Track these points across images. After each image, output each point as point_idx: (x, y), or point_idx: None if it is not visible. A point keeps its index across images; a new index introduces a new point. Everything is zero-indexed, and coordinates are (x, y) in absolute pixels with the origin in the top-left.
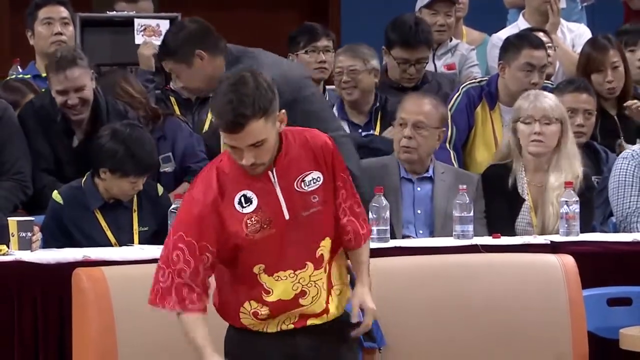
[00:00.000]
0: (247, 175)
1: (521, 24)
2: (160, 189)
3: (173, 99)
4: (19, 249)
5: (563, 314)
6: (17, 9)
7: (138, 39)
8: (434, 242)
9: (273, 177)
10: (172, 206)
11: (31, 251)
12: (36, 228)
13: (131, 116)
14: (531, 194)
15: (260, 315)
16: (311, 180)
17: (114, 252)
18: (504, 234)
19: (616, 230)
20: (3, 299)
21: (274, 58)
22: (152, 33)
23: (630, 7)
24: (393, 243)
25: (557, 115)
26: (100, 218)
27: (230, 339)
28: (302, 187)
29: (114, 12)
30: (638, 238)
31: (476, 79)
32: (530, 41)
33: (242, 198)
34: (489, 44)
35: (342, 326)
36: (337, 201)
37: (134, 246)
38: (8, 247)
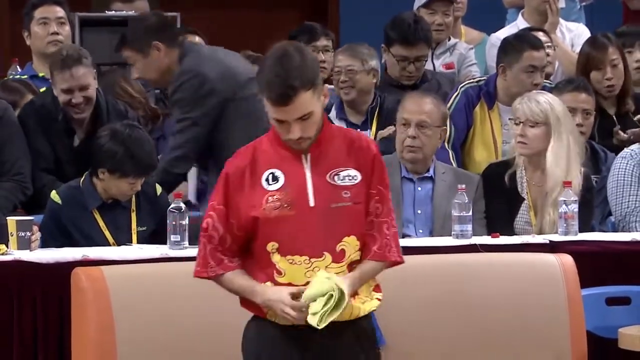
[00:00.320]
0: (282, 155)
1: (520, 24)
2: (159, 189)
3: None
4: (18, 249)
5: (562, 314)
6: (17, 9)
7: None
8: (433, 242)
9: (306, 162)
10: (171, 205)
11: (30, 251)
12: (35, 228)
13: (131, 116)
14: (530, 194)
15: None
16: (346, 176)
17: (113, 252)
18: (503, 233)
19: (615, 229)
20: (2, 299)
21: (221, 56)
22: None
23: (629, 7)
24: None
25: (542, 118)
26: (98, 218)
27: (247, 332)
28: (335, 180)
29: (113, 12)
30: (637, 237)
31: (474, 79)
32: (530, 42)
33: (270, 175)
34: (488, 43)
35: (360, 331)
36: (369, 210)
37: (133, 246)
38: (7, 247)
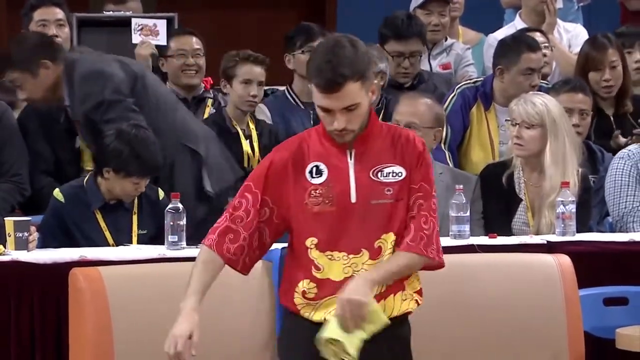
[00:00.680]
0: (327, 150)
1: (518, 24)
2: (161, 193)
3: None
4: (16, 249)
5: (559, 314)
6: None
7: (135, 39)
8: None
9: (350, 158)
10: (169, 206)
11: (28, 251)
12: (33, 228)
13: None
14: (528, 194)
15: (308, 294)
16: (390, 172)
17: (111, 252)
18: (501, 234)
19: (612, 230)
20: (0, 299)
21: (100, 59)
22: (149, 33)
23: (626, 8)
24: None
25: (538, 120)
26: (100, 218)
27: (282, 325)
28: (378, 177)
29: (111, 12)
30: (634, 238)
31: (471, 79)
32: (527, 44)
33: (314, 168)
34: (486, 44)
35: (395, 337)
36: (410, 205)
37: (131, 246)
38: (5, 247)
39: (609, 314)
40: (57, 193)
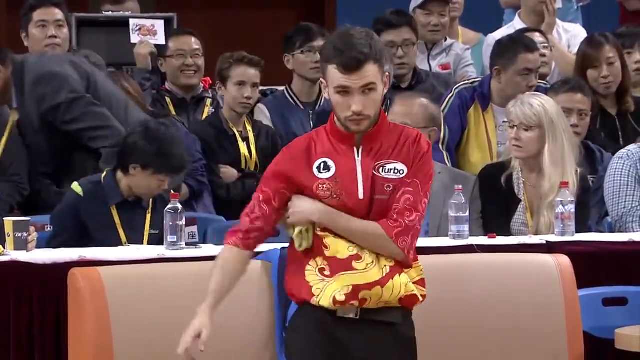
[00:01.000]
0: (335, 146)
1: (517, 24)
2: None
3: (168, 99)
4: (15, 249)
5: (559, 314)
6: (14, 8)
7: (134, 38)
8: (430, 242)
9: (357, 155)
10: (168, 206)
11: (27, 251)
12: (32, 228)
13: None
14: (527, 195)
15: (325, 271)
16: (392, 169)
17: (110, 252)
18: (500, 234)
19: (612, 230)
20: None
21: (52, 61)
22: (147, 33)
23: (626, 8)
24: None
25: (536, 121)
26: (115, 216)
27: (291, 319)
28: (380, 172)
29: (110, 13)
30: (634, 238)
31: (469, 80)
32: (525, 45)
33: (322, 164)
34: (485, 44)
35: (399, 336)
36: (398, 198)
37: (130, 246)
38: (4, 248)
39: (608, 314)
40: (77, 187)
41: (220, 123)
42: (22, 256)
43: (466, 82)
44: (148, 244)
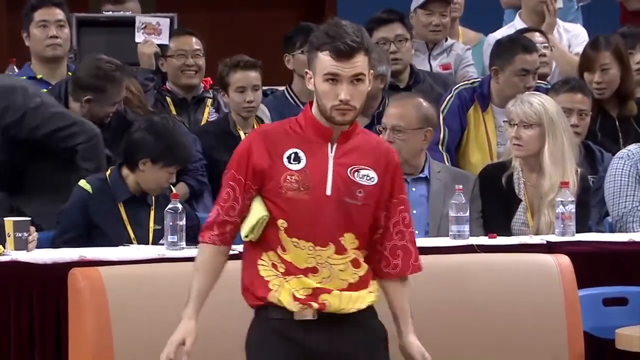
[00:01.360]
0: (309, 138)
1: (518, 24)
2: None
3: (169, 99)
4: (15, 249)
5: (559, 314)
6: (14, 8)
7: (138, 37)
8: (430, 242)
9: (331, 152)
10: (169, 206)
11: (27, 251)
12: (32, 228)
13: (131, 117)
14: (527, 195)
15: (278, 267)
16: (364, 175)
17: (110, 252)
18: (500, 234)
19: (612, 230)
20: (0, 299)
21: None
22: (152, 31)
23: (626, 8)
24: None
25: (536, 119)
26: (122, 212)
27: (248, 332)
28: (354, 176)
29: (110, 12)
30: (634, 238)
31: (469, 81)
32: (523, 46)
33: (293, 154)
34: (486, 44)
35: (362, 324)
36: (395, 220)
37: (131, 246)
38: (4, 248)
39: (609, 314)
40: (85, 184)
41: (227, 125)
42: (23, 256)
43: (466, 83)
44: (153, 239)
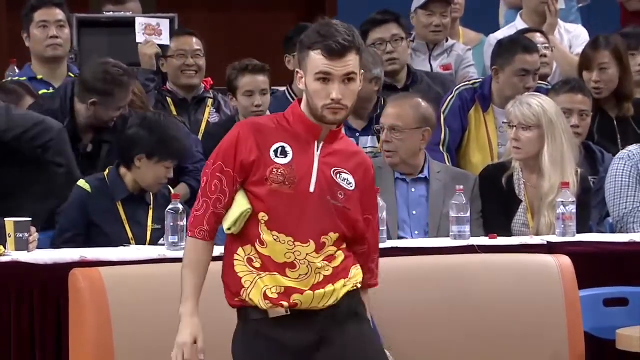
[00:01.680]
0: (297, 134)
1: (519, 25)
2: (172, 191)
3: (170, 100)
4: (16, 250)
5: (559, 315)
6: (15, 8)
7: (139, 38)
8: (431, 243)
9: (317, 150)
10: (169, 206)
11: (28, 252)
12: (33, 229)
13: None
14: (528, 196)
15: (254, 262)
16: (345, 179)
17: (111, 253)
18: (501, 235)
19: (613, 230)
20: (0, 300)
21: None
22: (153, 32)
23: (626, 8)
24: (390, 243)
25: (535, 121)
26: (121, 211)
27: (234, 335)
28: (337, 178)
29: (111, 13)
30: (634, 239)
31: (470, 81)
32: (523, 46)
33: (280, 148)
34: (487, 44)
35: (343, 311)
36: (369, 235)
37: (131, 247)
38: (5, 248)
39: (609, 315)
40: (83, 183)
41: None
42: (23, 256)
43: (467, 83)
44: (151, 238)
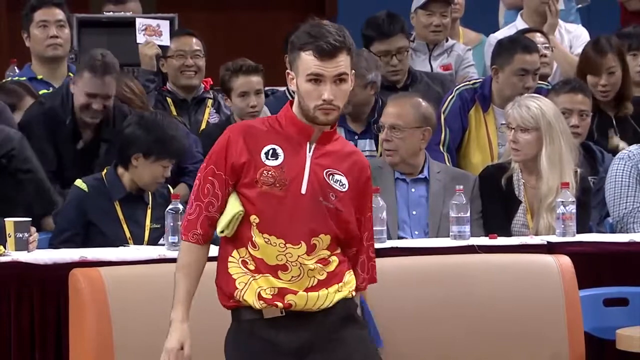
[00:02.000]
0: (289, 136)
1: (519, 25)
2: (172, 190)
3: (169, 100)
4: (16, 250)
5: (560, 315)
6: (15, 8)
7: (139, 39)
8: (431, 243)
9: (309, 151)
10: (169, 207)
11: (28, 252)
12: (33, 229)
13: None
14: (527, 196)
15: (248, 264)
16: (338, 181)
17: (111, 253)
18: (500, 235)
19: (613, 230)
20: (0, 300)
21: None
22: (153, 33)
23: (626, 8)
24: (390, 243)
25: (533, 124)
26: (119, 211)
27: (226, 338)
28: (329, 179)
29: (111, 13)
30: (634, 239)
31: (470, 81)
32: (523, 46)
33: (271, 150)
34: (487, 44)
35: (337, 314)
36: (363, 236)
37: (131, 247)
38: (5, 248)
39: (609, 315)
40: (81, 183)
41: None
42: (23, 256)
43: (467, 83)
44: (149, 238)
